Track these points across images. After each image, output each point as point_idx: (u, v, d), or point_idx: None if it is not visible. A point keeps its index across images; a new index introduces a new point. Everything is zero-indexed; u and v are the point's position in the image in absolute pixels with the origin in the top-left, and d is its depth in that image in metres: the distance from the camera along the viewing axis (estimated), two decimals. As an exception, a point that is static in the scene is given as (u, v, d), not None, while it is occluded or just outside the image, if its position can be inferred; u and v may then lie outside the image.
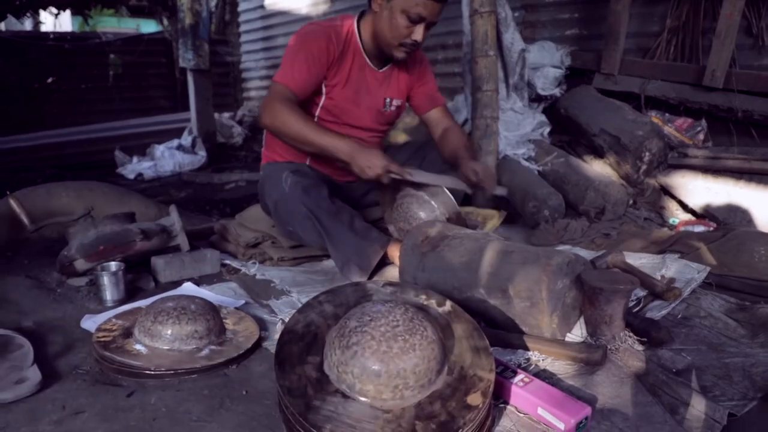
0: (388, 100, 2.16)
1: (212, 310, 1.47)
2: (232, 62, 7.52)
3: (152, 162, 5.11)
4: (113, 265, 1.80)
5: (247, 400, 1.19)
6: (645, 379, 1.24)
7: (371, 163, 1.80)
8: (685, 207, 2.69)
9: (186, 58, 5.38)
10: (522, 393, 1.12)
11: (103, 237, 1.88)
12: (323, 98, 2.05)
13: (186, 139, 5.45)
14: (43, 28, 8.22)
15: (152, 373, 1.28)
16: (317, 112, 2.08)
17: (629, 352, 1.35)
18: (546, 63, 3.31)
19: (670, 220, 2.63)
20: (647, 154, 2.74)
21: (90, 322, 1.56)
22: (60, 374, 1.31)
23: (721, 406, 1.13)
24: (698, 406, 1.13)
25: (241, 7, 7.37)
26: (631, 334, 1.40)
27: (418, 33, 1.91)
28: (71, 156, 5.22)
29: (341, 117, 2.09)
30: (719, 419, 1.09)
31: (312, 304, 1.17)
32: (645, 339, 1.38)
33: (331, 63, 1.98)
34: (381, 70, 2.12)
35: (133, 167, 5.04)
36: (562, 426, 1.05)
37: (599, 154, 2.97)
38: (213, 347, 1.39)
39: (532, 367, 1.30)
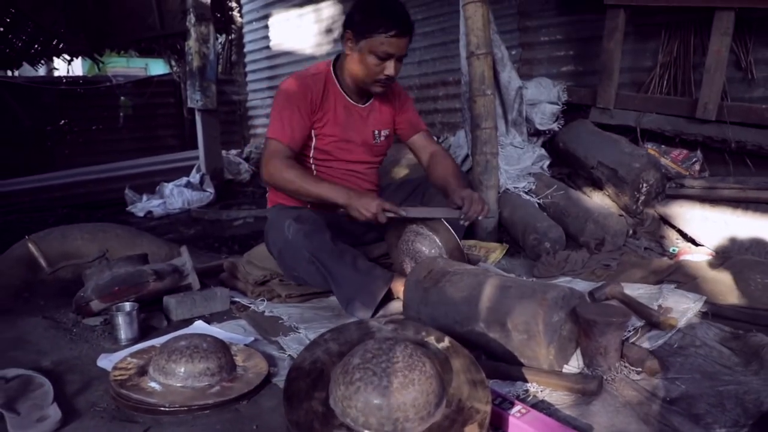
0: (376, 132, 2.28)
1: (223, 348, 1.53)
2: (239, 101, 7.70)
3: (161, 200, 5.20)
4: (127, 306, 1.86)
5: (258, 435, 1.25)
6: (639, 409, 1.28)
7: (367, 205, 1.91)
8: (684, 236, 2.74)
9: (194, 99, 5.52)
10: (519, 424, 1.17)
11: (118, 278, 1.95)
12: (314, 140, 2.17)
13: (194, 177, 5.55)
14: (56, 73, 8.48)
15: (167, 409, 1.34)
16: (311, 153, 2.20)
17: (624, 382, 1.39)
18: (543, 99, 3.41)
19: (670, 249, 2.68)
20: (645, 185, 2.81)
21: (106, 361, 1.62)
22: (79, 412, 1.36)
23: (713, 434, 1.17)
24: (690, 434, 1.17)
25: (247, 48, 7.59)
26: (627, 365, 1.45)
27: (390, 68, 2.04)
28: (82, 195, 5.33)
29: (335, 154, 2.21)
30: (710, 447, 1.14)
31: (318, 342, 1.23)
32: (640, 369, 1.43)
33: (315, 108, 2.12)
34: (364, 105, 2.25)
35: (143, 205, 5.12)
36: (558, 455, 1.10)
37: (598, 186, 3.04)
38: (224, 384, 1.44)
39: (530, 398, 1.35)
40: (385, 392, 1.03)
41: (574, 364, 1.47)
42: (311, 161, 2.21)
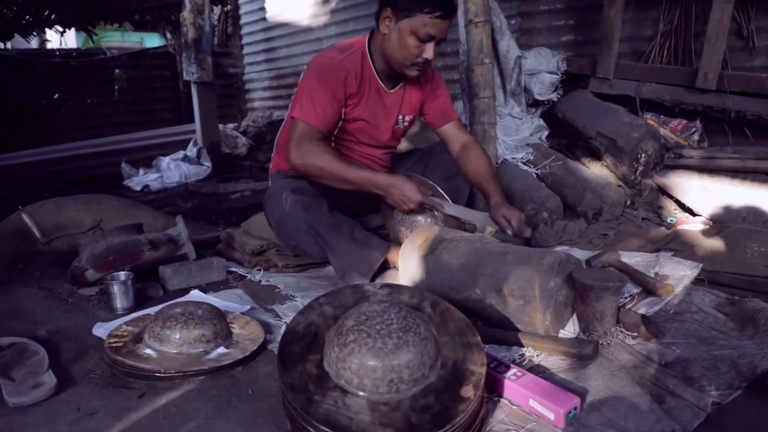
0: (400, 117, 2.20)
1: (218, 315, 1.53)
2: (236, 74, 7.62)
3: (158, 174, 5.18)
4: (122, 275, 1.86)
5: (253, 399, 1.25)
6: (634, 372, 1.29)
7: (407, 198, 1.90)
8: (682, 206, 2.74)
9: (189, 72, 5.46)
10: (514, 386, 1.17)
11: (113, 247, 1.94)
12: (340, 122, 2.07)
13: (191, 151, 5.53)
14: (49, 46, 8.36)
15: (162, 375, 1.34)
16: (335, 132, 2.10)
17: (620, 347, 1.39)
18: (542, 69, 3.37)
19: (668, 219, 2.67)
20: (643, 155, 2.79)
21: (101, 330, 1.62)
22: (74, 379, 1.37)
23: (707, 396, 1.17)
24: (684, 395, 1.18)
25: (243, 20, 7.48)
26: (623, 330, 1.45)
27: (429, 51, 1.91)
28: (78, 170, 5.30)
29: (357, 137, 2.14)
30: (704, 407, 1.14)
31: (312, 306, 1.23)
32: (635, 334, 1.43)
33: (351, 93, 2.01)
34: (393, 91, 2.14)
35: (140, 179, 5.11)
36: (552, 416, 1.10)
37: (596, 156, 3.02)
38: (220, 350, 1.44)
39: (526, 363, 1.35)
40: (379, 354, 1.02)
41: (570, 330, 1.47)
42: (332, 139, 2.12)
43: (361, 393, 1.03)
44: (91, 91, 6.42)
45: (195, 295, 1.92)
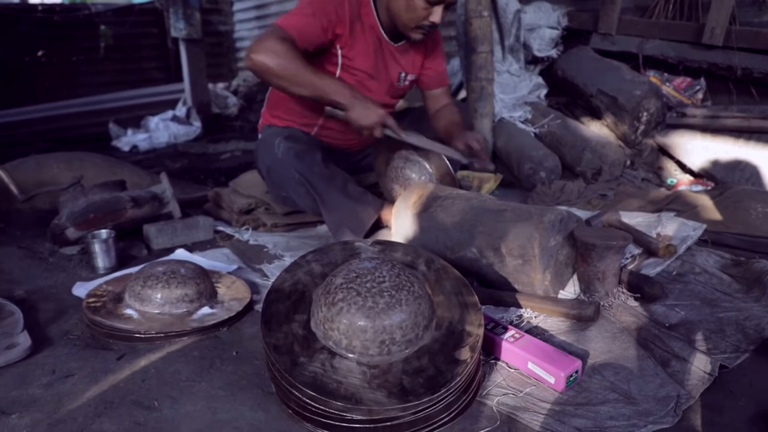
0: (402, 74, 2.08)
1: (203, 274, 1.46)
2: (225, 32, 7.38)
3: (147, 134, 5.06)
4: (104, 233, 1.79)
5: (238, 361, 1.19)
6: (637, 334, 1.23)
7: (369, 113, 1.73)
8: (683, 167, 2.66)
9: (177, 28, 5.28)
10: (512, 348, 1.12)
11: (93, 205, 1.86)
12: (339, 71, 1.93)
13: (180, 110, 5.40)
14: (31, 1, 8.06)
15: (142, 336, 1.28)
16: None
17: (622, 308, 1.34)
18: (542, 24, 3.24)
19: (668, 181, 2.60)
20: (645, 114, 2.70)
21: (81, 289, 1.56)
22: (51, 340, 1.31)
23: (713, 359, 1.12)
24: (690, 359, 1.12)
25: (233, -26, 7.22)
26: (625, 290, 1.39)
27: (437, 15, 1.80)
28: (64, 129, 5.16)
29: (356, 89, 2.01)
30: (711, 371, 1.09)
31: (299, 263, 1.15)
32: (638, 295, 1.37)
33: (340, 22, 1.84)
34: (397, 44, 2.01)
35: (128, 140, 4.99)
36: (552, 380, 1.05)
37: (596, 115, 2.93)
38: (204, 310, 1.38)
39: (524, 324, 1.29)
40: (369, 313, 0.96)
41: (570, 290, 1.41)
42: None
43: (350, 355, 0.96)
44: (76, 48, 6.18)
45: (180, 254, 1.85)
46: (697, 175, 2.55)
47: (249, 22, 7.14)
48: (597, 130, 2.86)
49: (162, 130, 5.05)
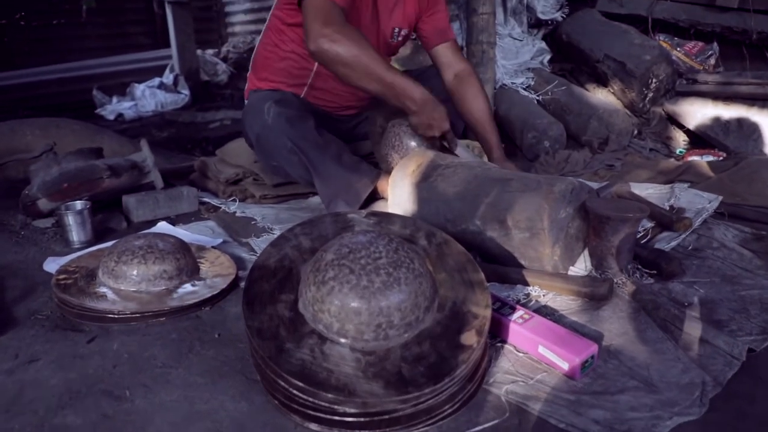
0: (396, 30, 1.93)
1: (184, 249, 1.35)
2: (215, -5, 7.15)
3: (133, 102, 4.89)
4: (78, 204, 1.67)
5: (220, 344, 1.09)
6: (655, 314, 1.13)
7: (436, 122, 1.63)
8: (692, 136, 2.56)
9: (163, -11, 5.08)
10: (521, 331, 1.01)
11: (67, 173, 1.73)
12: None
13: (168, 77, 5.22)
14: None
15: (116, 317, 1.17)
16: None
17: (637, 286, 1.23)
18: (546, -16, 3.09)
19: (677, 151, 2.50)
20: (654, 80, 2.58)
21: (53, 265, 1.44)
22: (17, 320, 1.20)
23: (740, 342, 1.02)
24: (714, 341, 1.03)
25: (223, -66, 6.95)
26: (640, 267, 1.29)
27: None
28: (46, 97, 4.97)
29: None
30: (738, 355, 0.99)
31: (287, 237, 1.04)
32: (655, 272, 1.27)
33: None
34: None
35: (113, 108, 4.83)
36: (565, 366, 0.95)
37: (603, 82, 2.81)
38: (185, 288, 1.27)
39: (532, 303, 1.19)
40: (364, 293, 0.85)
41: (581, 266, 1.31)
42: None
43: (342, 340, 0.86)
44: (57, 11, 5.92)
45: (162, 227, 1.74)
46: (709, 145, 2.45)
47: (239, -15, 6.90)
48: (603, 97, 2.74)
49: (148, 98, 4.88)
